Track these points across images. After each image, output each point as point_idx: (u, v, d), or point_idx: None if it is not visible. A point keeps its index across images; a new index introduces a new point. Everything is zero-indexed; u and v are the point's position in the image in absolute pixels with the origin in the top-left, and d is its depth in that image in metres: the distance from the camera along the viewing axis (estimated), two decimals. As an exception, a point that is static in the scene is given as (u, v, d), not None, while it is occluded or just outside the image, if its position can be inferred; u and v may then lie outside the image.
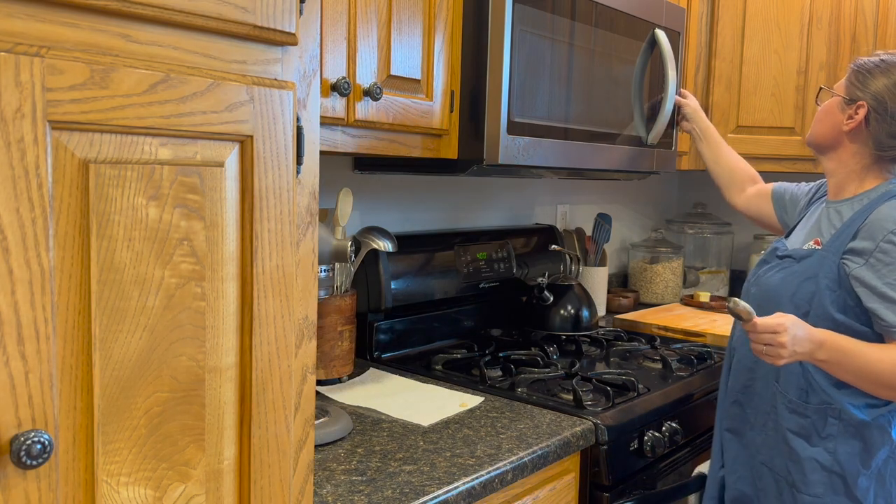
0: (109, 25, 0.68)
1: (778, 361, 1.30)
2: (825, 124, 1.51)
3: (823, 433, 1.41)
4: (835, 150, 1.50)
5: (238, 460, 0.82)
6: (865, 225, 1.38)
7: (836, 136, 1.49)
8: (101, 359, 0.69)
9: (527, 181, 2.41)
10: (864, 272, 1.36)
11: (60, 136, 0.64)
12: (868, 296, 1.35)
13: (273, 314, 0.83)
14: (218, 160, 0.77)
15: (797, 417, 1.44)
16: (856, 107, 1.44)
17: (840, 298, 1.39)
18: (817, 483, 1.41)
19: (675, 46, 2.00)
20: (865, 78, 1.44)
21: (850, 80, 1.48)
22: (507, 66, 1.50)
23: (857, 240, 1.38)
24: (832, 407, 1.40)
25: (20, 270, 0.62)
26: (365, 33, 1.34)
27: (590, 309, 2.13)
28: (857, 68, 1.47)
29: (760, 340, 1.30)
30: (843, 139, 1.48)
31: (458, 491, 1.16)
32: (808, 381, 1.43)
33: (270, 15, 0.79)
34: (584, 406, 1.53)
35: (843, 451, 1.40)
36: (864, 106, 1.43)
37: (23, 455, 0.62)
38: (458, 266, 1.99)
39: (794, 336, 1.29)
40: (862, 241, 1.37)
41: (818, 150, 1.55)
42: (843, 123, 1.47)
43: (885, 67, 1.43)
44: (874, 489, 1.41)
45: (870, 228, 1.37)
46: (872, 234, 1.36)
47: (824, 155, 1.54)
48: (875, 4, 2.28)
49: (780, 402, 1.47)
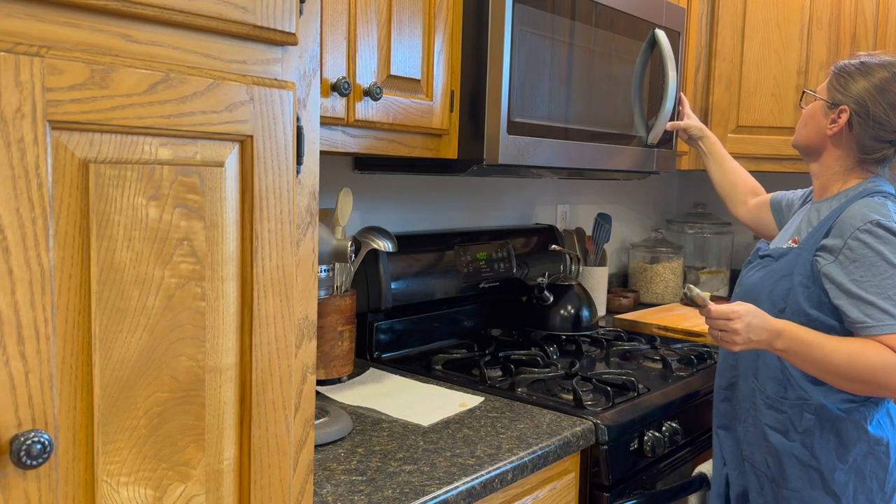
0: (109, 25, 0.68)
1: (733, 347, 1.33)
2: (809, 128, 1.51)
3: (800, 428, 1.43)
4: (819, 153, 1.51)
5: (238, 460, 0.82)
6: (837, 223, 1.39)
7: (820, 140, 1.49)
8: (101, 359, 0.69)
9: (527, 181, 2.41)
10: (832, 269, 1.37)
11: (60, 136, 0.64)
12: (835, 292, 1.37)
13: (273, 314, 0.83)
14: (218, 160, 0.77)
15: (774, 413, 1.46)
16: (838, 111, 1.44)
17: (814, 295, 1.40)
18: (795, 477, 1.44)
19: (675, 46, 2.00)
20: (846, 81, 1.44)
21: (831, 83, 1.47)
22: (507, 66, 1.50)
23: (828, 237, 1.40)
24: (808, 402, 1.42)
25: (20, 270, 0.62)
26: (365, 33, 1.34)
27: (590, 309, 2.13)
28: (839, 71, 1.46)
29: (715, 326, 1.33)
30: (827, 143, 1.48)
31: (458, 491, 1.16)
32: (785, 376, 1.45)
33: (270, 15, 0.79)
34: (584, 406, 1.53)
35: (819, 446, 1.42)
36: (847, 110, 1.43)
37: (23, 455, 0.62)
38: (458, 266, 1.99)
39: (748, 324, 1.31)
40: (832, 239, 1.39)
41: (803, 153, 1.56)
42: (826, 128, 1.47)
43: (866, 70, 1.43)
44: (853, 484, 1.42)
45: (840, 226, 1.38)
46: (842, 232, 1.37)
47: (810, 157, 1.54)
48: (875, 4, 2.28)
49: (758, 398, 1.49)
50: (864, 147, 1.44)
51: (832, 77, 1.48)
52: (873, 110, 1.40)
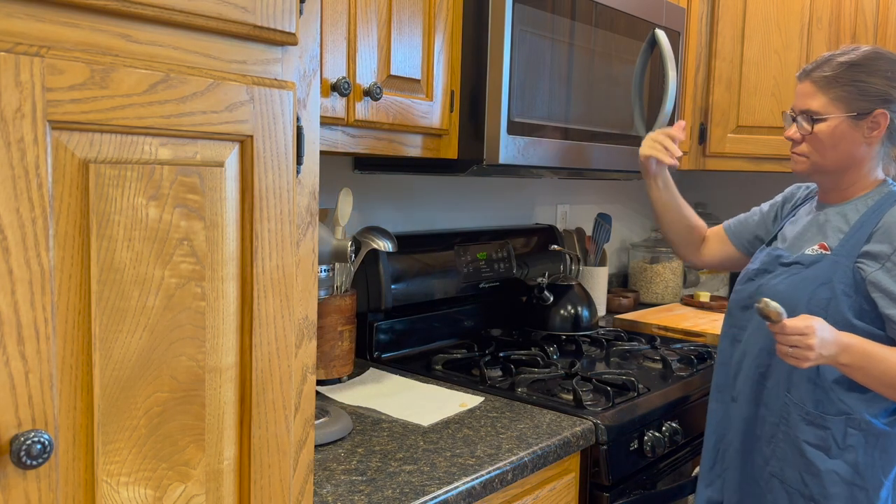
0: (109, 25, 0.68)
1: (803, 364, 1.26)
2: (841, 150, 1.42)
3: (843, 444, 1.37)
4: (849, 167, 1.43)
5: (238, 460, 0.82)
6: (880, 228, 1.35)
7: (857, 155, 1.42)
8: (101, 359, 0.69)
9: (527, 181, 2.41)
10: (880, 276, 1.33)
11: (60, 136, 0.64)
12: (885, 301, 1.32)
13: (273, 314, 0.83)
14: (218, 160, 0.77)
15: (814, 429, 1.39)
16: (870, 118, 1.38)
17: (857, 304, 1.35)
18: (838, 496, 1.37)
19: (675, 46, 2.00)
20: (860, 85, 1.38)
21: (838, 94, 1.40)
22: (507, 66, 1.50)
23: (871, 243, 1.35)
24: (852, 417, 1.37)
25: (20, 270, 0.62)
26: (365, 33, 1.34)
27: (590, 309, 2.13)
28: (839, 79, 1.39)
29: (788, 342, 1.25)
30: (864, 154, 1.42)
31: (458, 491, 1.16)
32: (823, 390, 1.39)
33: (270, 15, 0.79)
34: (584, 406, 1.53)
35: (864, 463, 1.36)
36: (884, 113, 1.38)
37: (23, 455, 0.61)
38: (458, 266, 1.99)
39: (821, 339, 1.25)
40: (878, 244, 1.34)
41: (827, 173, 1.46)
42: (864, 140, 1.40)
43: (864, 64, 1.39)
44: (892, 498, 1.39)
45: (886, 231, 1.34)
46: (890, 237, 1.33)
47: (835, 175, 1.46)
48: (875, 4, 2.28)
49: (794, 414, 1.41)
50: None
51: (834, 88, 1.40)
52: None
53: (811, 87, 1.43)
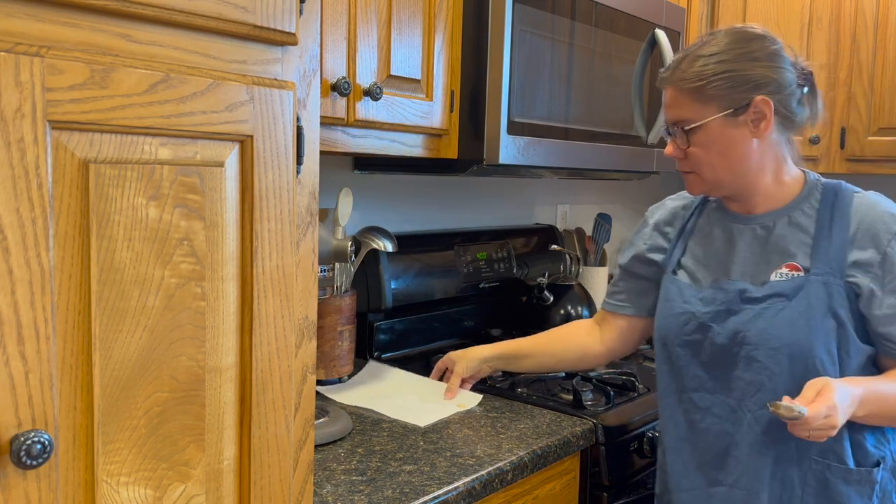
0: (109, 25, 0.68)
1: (823, 439, 1.11)
2: (731, 156, 1.21)
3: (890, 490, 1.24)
4: (751, 172, 1.23)
5: (238, 460, 0.82)
6: (857, 230, 1.20)
7: (754, 154, 1.22)
8: (101, 359, 0.69)
9: (527, 181, 2.41)
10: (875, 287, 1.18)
11: (60, 136, 0.64)
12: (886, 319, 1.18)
13: (273, 314, 0.83)
14: (218, 160, 0.77)
15: (856, 486, 1.21)
16: (750, 109, 1.18)
17: (862, 327, 1.20)
18: None
19: (675, 46, 2.00)
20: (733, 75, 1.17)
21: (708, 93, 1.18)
22: (507, 66, 1.50)
23: (855, 250, 1.19)
24: (885, 459, 1.23)
25: (20, 270, 0.62)
26: (365, 33, 1.34)
27: (590, 309, 2.13)
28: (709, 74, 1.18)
29: (815, 427, 1.08)
30: (758, 154, 1.21)
31: (458, 491, 1.16)
32: (856, 439, 1.22)
33: (270, 15, 0.79)
34: (584, 406, 1.53)
35: None
36: (765, 99, 1.17)
37: (23, 455, 0.61)
38: (458, 266, 1.99)
39: (842, 411, 1.09)
40: (862, 252, 1.19)
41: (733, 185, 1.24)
42: (750, 136, 1.20)
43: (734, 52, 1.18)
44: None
45: (865, 233, 1.19)
46: (874, 240, 1.19)
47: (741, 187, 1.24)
48: (875, 4, 2.28)
49: (831, 477, 1.21)
50: (793, 122, 1.22)
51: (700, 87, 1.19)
52: (779, 77, 1.18)
53: (674, 93, 1.23)
